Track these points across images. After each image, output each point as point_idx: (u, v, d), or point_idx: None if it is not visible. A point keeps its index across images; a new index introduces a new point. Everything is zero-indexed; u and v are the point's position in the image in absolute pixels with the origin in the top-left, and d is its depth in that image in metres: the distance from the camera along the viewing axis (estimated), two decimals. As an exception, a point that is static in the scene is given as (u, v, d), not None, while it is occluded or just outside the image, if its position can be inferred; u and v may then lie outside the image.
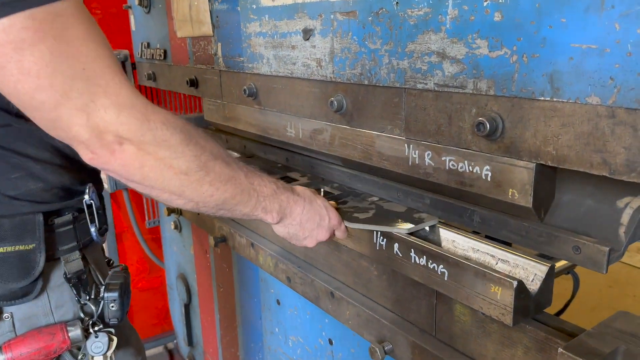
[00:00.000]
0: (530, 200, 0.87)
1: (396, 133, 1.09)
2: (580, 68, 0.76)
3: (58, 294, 1.16)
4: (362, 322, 1.25)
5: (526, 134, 0.85)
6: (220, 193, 0.92)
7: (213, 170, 0.90)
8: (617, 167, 0.74)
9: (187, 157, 0.86)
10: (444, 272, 1.01)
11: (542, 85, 0.81)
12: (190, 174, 0.87)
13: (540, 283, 0.93)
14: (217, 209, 0.96)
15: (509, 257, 1.00)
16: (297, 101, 1.37)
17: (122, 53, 2.42)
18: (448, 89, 0.96)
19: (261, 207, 1.01)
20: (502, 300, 0.91)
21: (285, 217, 1.07)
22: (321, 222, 1.12)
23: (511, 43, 0.84)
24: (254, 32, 1.47)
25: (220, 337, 2.17)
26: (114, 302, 1.19)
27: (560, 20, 0.77)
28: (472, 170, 0.95)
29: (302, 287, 1.45)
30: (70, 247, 1.15)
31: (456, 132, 0.96)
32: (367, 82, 1.13)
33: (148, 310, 3.25)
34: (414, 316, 1.16)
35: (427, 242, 1.08)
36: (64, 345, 1.14)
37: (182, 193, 0.88)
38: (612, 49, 0.71)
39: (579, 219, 0.97)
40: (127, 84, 0.81)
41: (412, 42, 1.00)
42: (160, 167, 0.84)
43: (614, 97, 0.72)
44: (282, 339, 1.70)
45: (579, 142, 0.78)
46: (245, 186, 0.97)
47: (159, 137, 0.82)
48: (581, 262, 0.91)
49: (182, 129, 0.86)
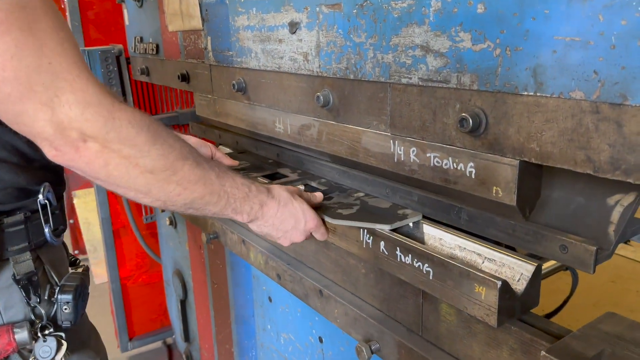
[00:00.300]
0: (514, 198, 0.84)
1: (382, 129, 1.07)
2: (563, 62, 0.73)
3: (7, 295, 1.13)
4: (349, 320, 1.23)
5: (510, 130, 0.82)
6: (189, 193, 0.91)
7: (181, 170, 0.89)
8: (602, 165, 0.71)
9: (153, 156, 0.84)
10: (429, 272, 0.98)
11: (525, 79, 0.78)
12: (156, 173, 0.85)
13: (527, 283, 0.91)
14: (186, 208, 0.95)
15: (495, 256, 0.98)
16: (285, 96, 1.34)
17: (117, 48, 2.41)
18: (432, 83, 0.93)
19: (231, 208, 1.01)
20: (487, 300, 0.88)
21: (257, 219, 1.07)
22: (297, 224, 1.11)
23: (494, 36, 0.81)
24: (242, 26, 1.45)
25: (215, 333, 2.16)
26: (67, 305, 1.16)
27: (544, 12, 0.74)
28: (456, 167, 0.92)
29: (291, 284, 1.43)
30: (20, 248, 1.12)
31: (440, 128, 0.94)
32: (353, 77, 1.10)
33: (147, 305, 3.25)
34: (401, 315, 1.14)
35: (413, 240, 1.05)
36: (10, 348, 1.11)
37: (148, 192, 0.87)
38: (596, 41, 0.69)
39: (567, 217, 0.94)
40: (94, 80, 0.80)
41: (396, 36, 0.98)
42: (125, 165, 0.82)
43: (598, 92, 0.70)
44: (274, 336, 1.69)
45: (563, 139, 0.75)
46: (216, 187, 0.96)
47: (123, 136, 0.80)
48: (568, 262, 0.88)
49: (150, 128, 0.84)
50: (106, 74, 2.41)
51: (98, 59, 2.39)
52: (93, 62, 2.38)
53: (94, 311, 4.21)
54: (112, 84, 2.44)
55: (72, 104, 0.76)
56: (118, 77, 2.46)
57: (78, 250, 4.63)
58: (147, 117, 0.86)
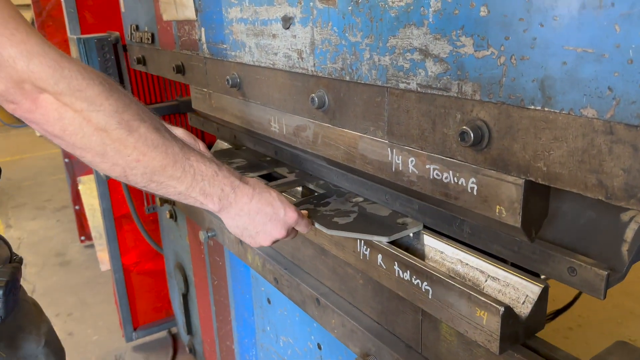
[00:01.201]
0: (518, 219, 0.78)
1: (379, 135, 1.00)
2: (574, 75, 0.65)
3: None
4: (347, 332, 1.18)
5: (515, 146, 0.75)
6: (148, 159, 0.84)
7: (137, 131, 0.83)
8: (615, 191, 0.64)
9: (106, 111, 0.80)
10: (428, 290, 0.93)
11: (532, 92, 0.70)
12: (110, 131, 0.80)
13: (532, 306, 0.85)
14: (147, 181, 0.87)
15: (499, 274, 0.92)
16: (280, 95, 1.27)
17: (113, 35, 2.33)
18: (431, 90, 0.86)
19: (199, 188, 0.91)
20: (488, 326, 0.83)
21: (230, 206, 0.96)
22: (274, 215, 1.00)
23: (498, 42, 0.73)
24: (235, 18, 1.37)
25: (217, 329, 2.14)
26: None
27: (553, 18, 0.66)
28: (457, 181, 0.86)
29: (288, 289, 1.39)
30: None
31: (440, 139, 0.87)
32: (349, 78, 1.03)
33: (152, 294, 3.21)
34: (399, 330, 1.09)
35: (411, 254, 1.00)
36: None
37: (104, 153, 0.82)
38: (611, 54, 0.61)
39: (576, 232, 0.88)
40: (35, 32, 0.76)
41: (394, 37, 0.90)
42: (78, 119, 0.78)
43: (612, 111, 0.62)
44: (274, 338, 1.65)
45: (573, 160, 0.68)
46: (179, 158, 0.88)
47: (74, 87, 0.77)
48: (577, 285, 0.82)
49: (102, 82, 0.80)
50: (103, 63, 2.34)
51: (94, 47, 2.32)
52: (89, 50, 2.31)
53: (99, 299, 4.22)
54: (110, 73, 2.38)
55: (16, 58, 0.74)
56: (115, 66, 2.39)
57: (84, 237, 4.63)
58: (100, 73, 0.83)
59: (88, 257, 4.56)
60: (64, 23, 2.64)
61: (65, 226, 5.17)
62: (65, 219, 5.31)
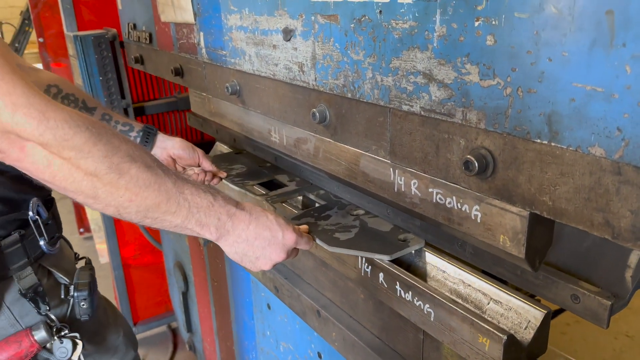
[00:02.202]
0: (522, 250, 0.77)
1: (381, 155, 0.99)
2: (582, 112, 0.64)
3: (19, 306, 1.18)
4: (347, 346, 1.18)
5: (520, 177, 0.74)
6: (141, 199, 0.84)
7: (128, 173, 0.82)
8: (622, 232, 0.64)
9: (95, 157, 0.79)
10: (430, 312, 0.92)
11: (538, 125, 0.69)
12: (100, 176, 0.80)
13: (534, 332, 0.85)
14: (142, 217, 0.87)
15: (502, 298, 0.91)
16: (280, 106, 1.25)
17: (110, 32, 2.30)
18: (435, 115, 0.84)
19: (195, 220, 0.91)
20: (491, 353, 0.82)
21: (227, 234, 0.96)
22: (273, 239, 0.99)
23: (504, 73, 0.72)
24: (234, 25, 1.35)
25: (217, 329, 2.14)
26: (84, 301, 1.24)
27: (562, 54, 0.64)
28: (460, 207, 0.85)
29: (289, 299, 1.39)
30: (20, 265, 1.16)
31: (444, 164, 0.85)
32: (351, 96, 1.01)
33: (152, 288, 3.20)
34: (400, 347, 1.09)
35: (412, 272, 0.99)
36: (34, 349, 1.18)
37: (95, 196, 0.82)
38: (621, 95, 0.60)
39: (580, 257, 0.87)
40: (21, 82, 0.76)
41: (397, 58, 0.88)
42: (67, 166, 0.79)
43: (621, 152, 0.61)
44: (274, 343, 1.65)
45: (579, 197, 0.67)
46: (173, 194, 0.87)
47: (60, 137, 0.77)
48: (580, 313, 0.82)
49: (89, 127, 0.79)
50: (100, 60, 2.31)
51: (91, 44, 2.29)
52: (86, 48, 2.28)
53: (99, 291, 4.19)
54: (107, 70, 2.35)
55: (1, 110, 0.74)
56: (113, 63, 2.36)
57: (83, 229, 4.63)
58: (88, 117, 0.82)
59: (87, 250, 4.55)
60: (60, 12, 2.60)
61: (64, 217, 5.10)
62: (64, 209, 5.27)
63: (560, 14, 0.63)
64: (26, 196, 1.17)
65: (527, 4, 0.66)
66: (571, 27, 0.62)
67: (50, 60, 4.16)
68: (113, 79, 2.36)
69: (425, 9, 0.80)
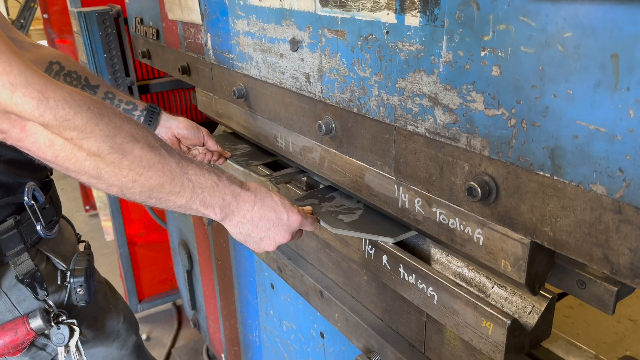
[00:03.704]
0: (523, 276, 0.78)
1: (386, 171, 1.00)
2: (585, 150, 0.65)
3: (16, 292, 1.16)
4: (350, 327, 1.21)
5: (522, 206, 0.75)
6: (144, 180, 0.84)
7: (131, 153, 0.82)
8: (620, 269, 0.65)
9: (97, 137, 0.78)
10: (434, 295, 0.94)
11: (542, 158, 0.70)
12: (103, 156, 0.80)
13: (539, 317, 0.85)
14: (146, 198, 0.87)
15: (506, 282, 0.92)
16: (287, 113, 1.26)
17: (115, 9, 2.28)
18: (440, 138, 0.85)
19: (199, 200, 0.91)
20: (494, 337, 0.84)
21: (232, 214, 0.96)
22: (277, 220, 0.99)
23: (509, 104, 0.72)
24: (242, 30, 1.35)
25: (221, 307, 2.18)
26: (80, 287, 1.21)
27: (566, 91, 0.65)
28: (463, 229, 0.86)
29: (292, 279, 1.41)
30: (17, 251, 1.13)
31: (447, 186, 0.87)
32: (357, 111, 1.02)
33: (157, 265, 3.22)
34: (403, 329, 1.11)
35: (417, 255, 1.00)
36: (30, 337, 1.17)
37: (99, 176, 0.81)
38: (624, 137, 0.60)
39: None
40: (18, 60, 0.74)
41: (403, 79, 0.89)
42: (69, 147, 0.78)
43: (622, 192, 0.62)
44: (277, 322, 1.69)
45: (580, 231, 0.68)
46: (177, 174, 0.87)
47: (61, 117, 0.75)
48: (585, 299, 0.83)
49: (91, 107, 0.78)
50: (104, 37, 2.30)
51: (95, 21, 2.27)
52: (90, 24, 2.27)
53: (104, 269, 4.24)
54: (112, 47, 2.34)
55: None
56: (117, 40, 2.35)
57: (89, 206, 4.66)
58: (89, 96, 0.80)
59: (93, 227, 4.59)
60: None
61: (69, 195, 5.19)
62: (70, 187, 5.33)
63: (566, 53, 0.63)
64: (21, 180, 1.14)
65: (534, 40, 0.67)
66: (576, 67, 0.63)
67: (55, 36, 4.08)
68: (117, 56, 2.34)
69: (432, 34, 0.81)
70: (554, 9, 0.63)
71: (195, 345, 3.03)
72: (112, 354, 1.42)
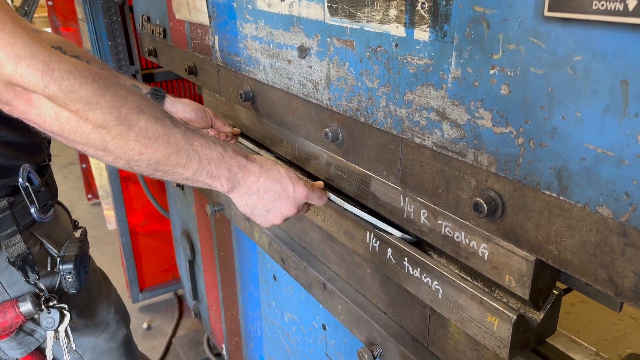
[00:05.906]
0: (527, 292, 0.79)
1: (392, 181, 1.00)
2: (592, 173, 0.65)
3: (7, 275, 1.16)
4: (353, 320, 1.22)
5: (528, 224, 0.75)
6: (151, 151, 0.84)
7: (137, 125, 0.81)
8: (624, 291, 0.65)
9: (103, 109, 0.78)
10: (438, 289, 0.94)
11: (548, 178, 0.71)
12: (109, 128, 0.79)
13: (544, 313, 0.85)
14: (153, 170, 0.87)
15: None
16: (294, 118, 1.27)
17: (120, -5, 2.30)
18: (447, 152, 0.85)
19: (206, 172, 0.91)
20: (499, 332, 0.84)
21: (238, 185, 0.96)
22: (283, 192, 0.99)
23: (517, 123, 0.73)
24: (250, 34, 1.35)
25: (222, 298, 2.19)
26: (69, 274, 1.19)
27: (575, 114, 0.65)
28: (468, 243, 0.87)
29: (295, 271, 1.42)
30: (9, 233, 1.13)
31: (453, 200, 0.87)
32: (364, 120, 1.03)
33: (159, 255, 3.23)
34: (406, 322, 1.12)
35: (421, 251, 0.99)
36: (18, 320, 1.17)
37: (105, 148, 0.81)
38: (631, 162, 0.61)
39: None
40: (24, 32, 0.73)
41: (411, 92, 0.89)
42: (75, 119, 0.77)
43: (628, 216, 0.62)
44: (279, 314, 1.70)
45: (585, 251, 0.69)
46: (183, 146, 0.87)
47: (66, 88, 0.75)
48: (592, 296, 0.83)
49: (96, 79, 0.78)
50: (109, 25, 2.30)
51: (100, 8, 2.28)
52: (95, 12, 2.27)
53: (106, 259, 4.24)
54: (116, 35, 2.34)
55: (3, 62, 0.72)
56: (122, 28, 2.35)
57: (91, 195, 4.66)
58: (93, 69, 0.80)
59: (95, 216, 4.60)
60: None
61: (72, 183, 5.20)
62: (72, 175, 5.33)
63: (576, 76, 0.64)
64: (18, 163, 1.14)
65: (544, 61, 0.67)
66: (585, 90, 0.63)
67: (60, 24, 4.06)
68: (122, 44, 2.34)
69: (441, 49, 0.81)
70: (564, 32, 0.64)
71: (196, 335, 3.05)
72: (101, 345, 1.40)
